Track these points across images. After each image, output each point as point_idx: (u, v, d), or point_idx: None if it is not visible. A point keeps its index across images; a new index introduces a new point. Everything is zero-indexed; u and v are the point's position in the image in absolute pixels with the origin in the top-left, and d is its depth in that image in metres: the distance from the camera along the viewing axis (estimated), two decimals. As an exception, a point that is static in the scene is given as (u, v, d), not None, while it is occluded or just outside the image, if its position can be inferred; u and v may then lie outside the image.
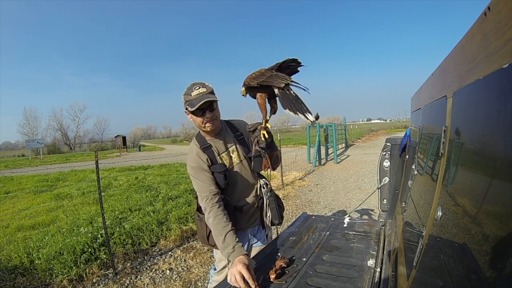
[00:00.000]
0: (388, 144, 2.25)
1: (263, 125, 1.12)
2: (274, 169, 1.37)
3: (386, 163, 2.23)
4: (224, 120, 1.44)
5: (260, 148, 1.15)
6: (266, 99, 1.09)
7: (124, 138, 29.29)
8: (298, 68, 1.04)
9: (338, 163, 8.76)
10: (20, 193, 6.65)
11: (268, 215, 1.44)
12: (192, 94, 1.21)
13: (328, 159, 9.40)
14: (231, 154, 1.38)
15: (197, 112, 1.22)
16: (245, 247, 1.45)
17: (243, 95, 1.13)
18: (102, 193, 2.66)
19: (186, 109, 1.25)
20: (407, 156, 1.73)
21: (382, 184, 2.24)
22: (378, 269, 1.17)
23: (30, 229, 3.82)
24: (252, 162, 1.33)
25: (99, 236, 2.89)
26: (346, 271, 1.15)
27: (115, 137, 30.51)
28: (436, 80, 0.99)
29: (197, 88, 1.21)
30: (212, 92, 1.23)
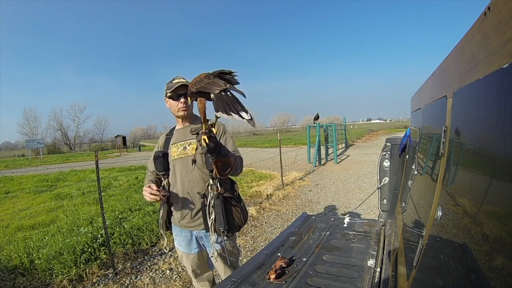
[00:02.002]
0: (388, 144, 2.25)
1: (203, 129, 1.07)
2: (221, 175, 1.25)
3: (386, 163, 2.23)
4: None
5: (202, 153, 1.12)
6: (206, 104, 1.04)
7: (124, 138, 29.25)
8: (236, 79, 1.00)
9: (338, 163, 8.76)
10: (20, 193, 6.65)
11: (211, 217, 1.34)
12: (173, 81, 1.40)
13: (328, 159, 9.40)
14: (187, 146, 1.45)
15: (174, 97, 1.41)
16: (193, 245, 1.50)
17: (189, 102, 1.16)
18: (102, 193, 2.66)
19: (166, 95, 1.44)
20: (407, 156, 1.73)
21: (382, 184, 2.24)
22: (378, 269, 1.17)
23: (30, 229, 3.82)
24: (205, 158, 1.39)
25: (99, 236, 2.89)
26: (346, 271, 1.15)
27: (115, 137, 30.48)
28: (436, 80, 0.99)
29: (178, 78, 1.41)
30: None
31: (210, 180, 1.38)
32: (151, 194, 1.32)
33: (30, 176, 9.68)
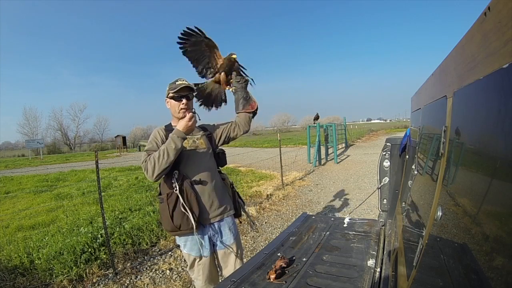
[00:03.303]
0: (388, 144, 2.25)
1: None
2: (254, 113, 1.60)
3: (386, 163, 2.23)
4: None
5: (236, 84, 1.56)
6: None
7: (124, 138, 29.19)
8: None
9: (338, 163, 8.76)
10: (20, 193, 6.64)
11: (237, 199, 1.63)
12: (176, 83, 1.44)
13: (328, 159, 9.39)
14: (196, 140, 1.52)
15: (176, 98, 1.44)
16: (206, 246, 1.48)
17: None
18: (102, 193, 2.66)
19: (168, 96, 1.47)
20: (407, 156, 1.74)
21: (382, 184, 2.24)
22: (378, 269, 1.17)
23: (30, 229, 3.82)
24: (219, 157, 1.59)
25: (99, 236, 2.89)
26: (346, 271, 1.15)
27: (115, 137, 30.44)
28: (436, 80, 0.99)
29: (181, 80, 1.46)
30: (192, 87, 1.49)
31: (223, 174, 1.62)
32: (190, 117, 1.39)
33: (30, 176, 9.67)
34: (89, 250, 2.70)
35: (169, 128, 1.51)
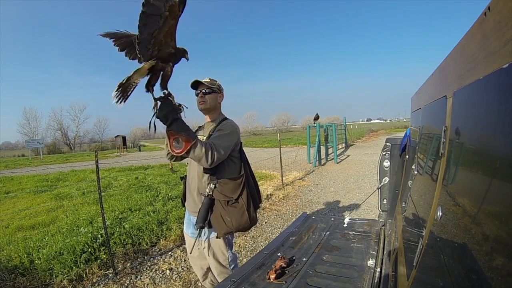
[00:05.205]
0: (388, 144, 2.25)
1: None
2: (173, 152, 1.28)
3: (386, 163, 2.23)
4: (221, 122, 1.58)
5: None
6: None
7: (124, 138, 29.20)
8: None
9: (338, 163, 8.76)
10: (20, 193, 6.64)
11: (199, 213, 1.44)
12: None
13: (328, 159, 9.39)
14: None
15: (196, 93, 1.55)
16: (190, 228, 1.60)
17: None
18: (102, 193, 2.66)
19: None
20: (407, 156, 1.74)
21: (382, 184, 2.24)
22: (378, 269, 1.17)
23: (30, 229, 3.82)
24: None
25: (99, 236, 2.89)
26: (346, 271, 1.15)
27: (115, 137, 30.44)
28: (436, 80, 0.99)
29: (206, 79, 1.55)
30: (213, 85, 1.54)
31: (209, 179, 1.45)
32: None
33: (30, 176, 9.67)
34: (89, 250, 2.70)
35: (202, 127, 1.69)
